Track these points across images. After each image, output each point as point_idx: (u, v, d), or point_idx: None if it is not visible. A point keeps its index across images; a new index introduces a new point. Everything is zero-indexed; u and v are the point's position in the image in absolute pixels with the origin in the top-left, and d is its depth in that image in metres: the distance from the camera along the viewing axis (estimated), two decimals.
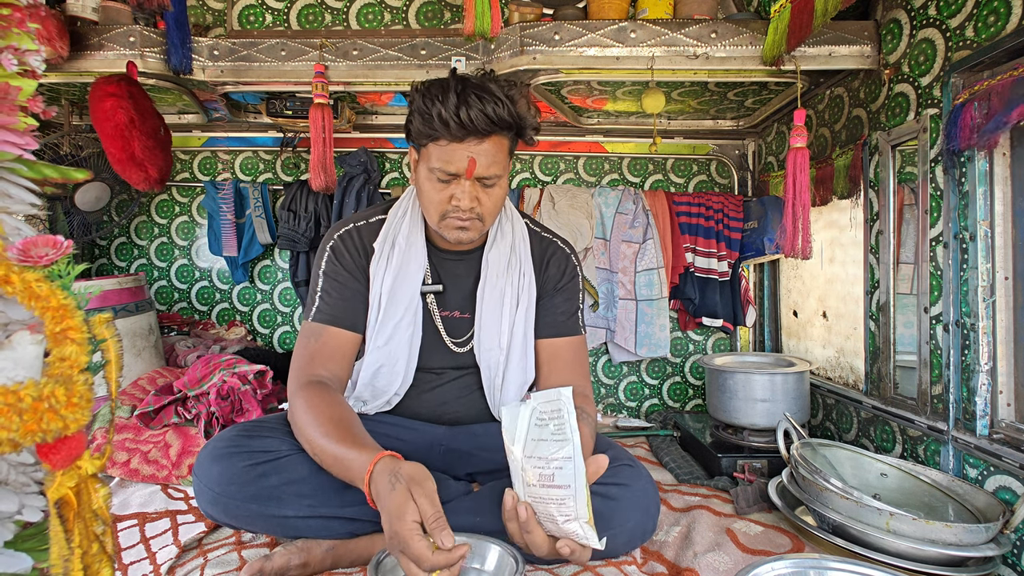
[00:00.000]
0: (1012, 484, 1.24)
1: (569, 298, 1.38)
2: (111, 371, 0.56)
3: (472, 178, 1.19)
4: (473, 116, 1.12)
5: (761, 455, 1.72)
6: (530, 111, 1.22)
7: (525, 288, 1.35)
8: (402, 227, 1.34)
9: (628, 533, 1.16)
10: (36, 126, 0.58)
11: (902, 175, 1.65)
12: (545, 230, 1.45)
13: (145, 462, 1.63)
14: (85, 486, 0.54)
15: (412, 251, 1.32)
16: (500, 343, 1.33)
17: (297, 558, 1.12)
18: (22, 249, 0.54)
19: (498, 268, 1.34)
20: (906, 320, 1.63)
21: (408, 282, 1.31)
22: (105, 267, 2.63)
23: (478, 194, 1.21)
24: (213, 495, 1.15)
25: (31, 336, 0.49)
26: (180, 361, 2.17)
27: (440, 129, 1.14)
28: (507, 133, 1.20)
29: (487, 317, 1.34)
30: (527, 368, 1.35)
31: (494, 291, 1.33)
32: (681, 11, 1.85)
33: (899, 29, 1.60)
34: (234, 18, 2.37)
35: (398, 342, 1.31)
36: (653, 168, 2.58)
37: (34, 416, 0.47)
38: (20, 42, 0.56)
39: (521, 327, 1.34)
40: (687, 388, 2.59)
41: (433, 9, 2.35)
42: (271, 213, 2.51)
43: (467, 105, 1.12)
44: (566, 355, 1.35)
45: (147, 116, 1.90)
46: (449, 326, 1.37)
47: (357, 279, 1.32)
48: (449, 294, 1.37)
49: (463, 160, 1.16)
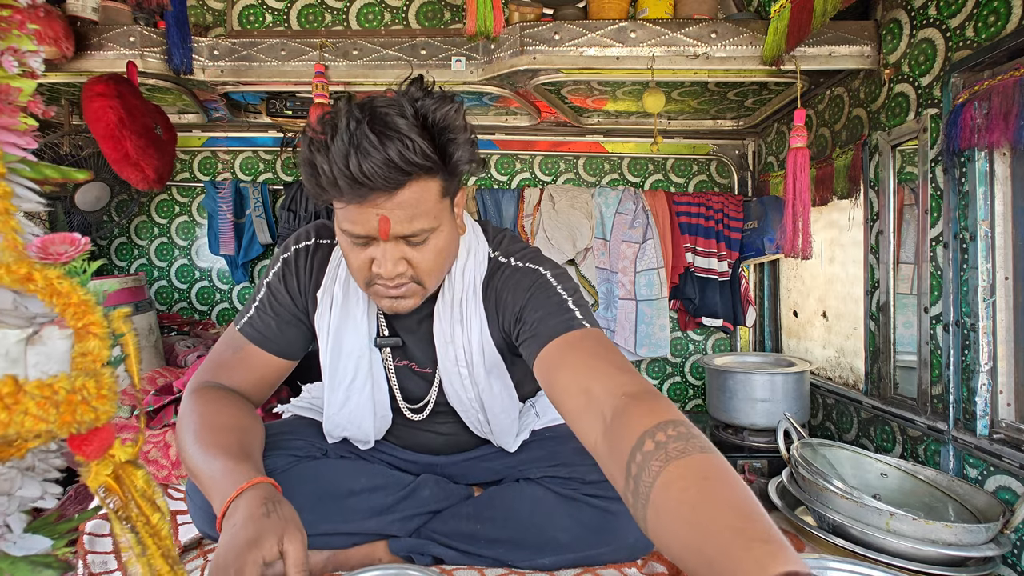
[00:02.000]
0: (1012, 484, 1.24)
1: (537, 302, 1.03)
2: (131, 364, 0.58)
3: (391, 238, 0.92)
4: (369, 167, 0.83)
5: (761, 455, 1.72)
6: (462, 139, 0.92)
7: (477, 345, 1.10)
8: (339, 276, 1.12)
9: (628, 549, 1.15)
10: (36, 126, 0.58)
11: (902, 175, 1.65)
12: (507, 249, 1.13)
13: (145, 462, 1.63)
14: (124, 471, 0.56)
15: (352, 300, 1.12)
16: (473, 405, 1.16)
17: None
18: (41, 247, 0.55)
19: (445, 334, 1.10)
20: (906, 320, 1.63)
21: (354, 333, 1.12)
22: (105, 267, 2.63)
23: (405, 255, 0.95)
24: (206, 516, 1.11)
25: (60, 331, 0.50)
26: (180, 361, 2.17)
27: (330, 190, 0.88)
28: (431, 176, 0.90)
29: (449, 380, 1.15)
30: (506, 399, 1.17)
31: (447, 357, 1.12)
32: (681, 11, 1.85)
33: (899, 29, 1.60)
34: (234, 18, 2.37)
35: (356, 403, 1.15)
36: (653, 168, 2.58)
37: (69, 408, 0.49)
38: (20, 43, 0.56)
39: (484, 382, 1.12)
40: (687, 388, 2.59)
41: (433, 9, 2.35)
42: (271, 213, 2.51)
43: (361, 153, 0.83)
44: (570, 358, 0.92)
45: (137, 115, 1.88)
46: (402, 379, 1.19)
47: (297, 306, 1.14)
48: (409, 346, 1.17)
49: (372, 220, 0.89)
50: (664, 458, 0.66)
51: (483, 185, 2.58)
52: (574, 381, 0.86)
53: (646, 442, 0.69)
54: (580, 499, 1.14)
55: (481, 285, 1.10)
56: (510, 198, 2.45)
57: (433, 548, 1.15)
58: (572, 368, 0.89)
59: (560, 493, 1.15)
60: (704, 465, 0.65)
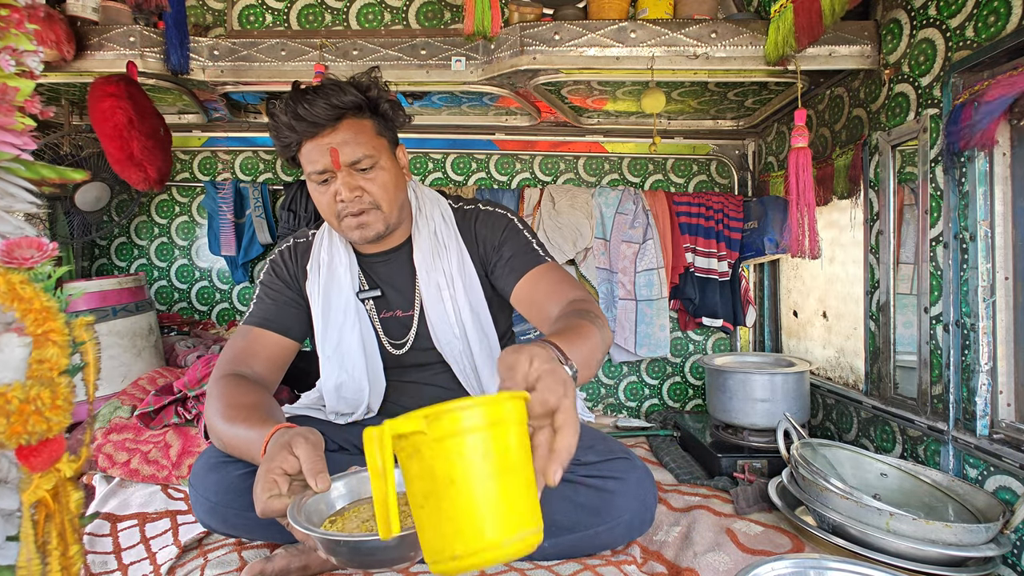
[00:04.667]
0: (1012, 484, 1.24)
1: (513, 243, 1.30)
2: (89, 373, 0.56)
3: (342, 168, 1.18)
4: (313, 108, 1.14)
5: (761, 455, 1.72)
6: (380, 89, 1.23)
7: (456, 270, 1.31)
8: (323, 242, 1.35)
9: (625, 526, 1.17)
10: (34, 126, 0.58)
11: (902, 175, 1.65)
12: (469, 202, 1.39)
13: (145, 462, 1.63)
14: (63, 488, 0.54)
15: (336, 259, 1.33)
16: (455, 332, 1.31)
17: (298, 560, 1.12)
18: (6, 251, 0.54)
19: (426, 262, 1.31)
20: (906, 320, 1.63)
21: (339, 286, 1.31)
22: (105, 267, 2.63)
23: (359, 183, 1.20)
24: (210, 505, 1.15)
25: (18, 339, 0.49)
26: (180, 361, 2.17)
27: (289, 134, 1.18)
28: (362, 114, 1.21)
29: (433, 312, 1.31)
30: (491, 348, 1.33)
31: (430, 286, 1.31)
32: (681, 11, 1.85)
33: (899, 29, 1.60)
34: (234, 18, 2.37)
35: (348, 344, 1.30)
36: (653, 168, 2.58)
37: (20, 418, 0.47)
38: (18, 43, 0.56)
39: (467, 309, 1.30)
40: (687, 388, 2.59)
41: (433, 9, 2.35)
42: (271, 213, 2.51)
43: (306, 102, 1.15)
44: (544, 285, 1.22)
45: (146, 116, 1.90)
46: (388, 327, 1.36)
47: (291, 288, 1.35)
48: (389, 296, 1.35)
49: (324, 153, 1.17)
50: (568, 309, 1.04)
51: (483, 185, 2.59)
52: (543, 301, 1.19)
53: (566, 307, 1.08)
54: (577, 480, 1.16)
55: (453, 221, 1.34)
56: (510, 198, 2.45)
57: None
58: (542, 292, 1.21)
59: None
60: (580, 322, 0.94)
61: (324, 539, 0.77)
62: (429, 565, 0.57)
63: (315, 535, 0.77)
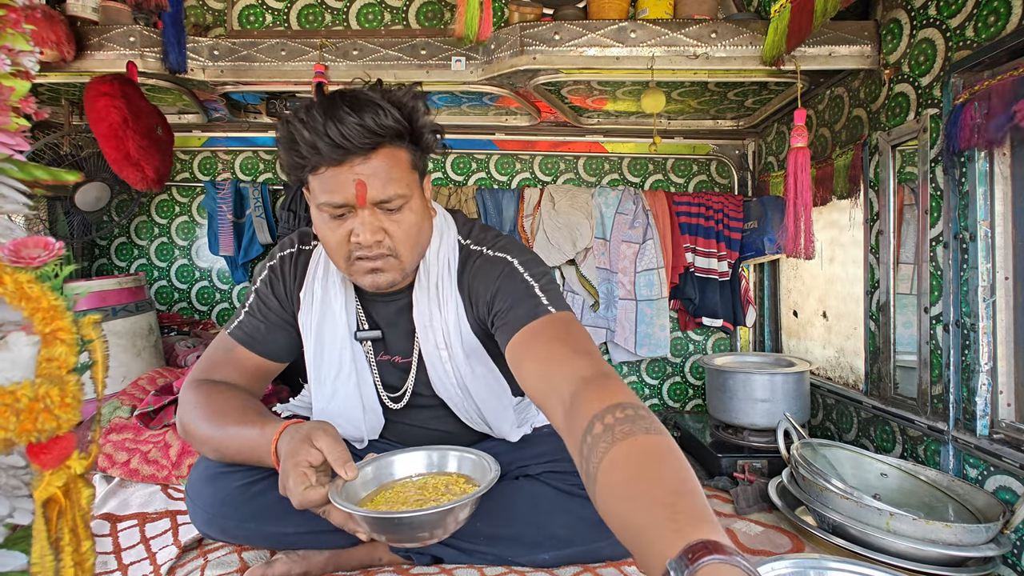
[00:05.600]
0: (1012, 484, 1.24)
1: (506, 290, 1.08)
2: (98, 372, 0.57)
3: (368, 205, 0.99)
4: (346, 130, 0.93)
5: (761, 455, 1.72)
6: (424, 112, 1.03)
7: (454, 328, 1.13)
8: (317, 272, 1.17)
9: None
10: (28, 127, 0.58)
11: (902, 175, 1.65)
12: (478, 238, 1.18)
13: (145, 462, 1.63)
14: (74, 485, 0.54)
15: (331, 294, 1.16)
16: (456, 391, 1.18)
17: (298, 566, 1.12)
18: (13, 250, 0.54)
19: (424, 319, 1.14)
20: (906, 320, 1.63)
21: (333, 326, 1.16)
22: (105, 267, 2.63)
23: (382, 224, 1.01)
24: (207, 516, 1.13)
25: (27, 337, 0.49)
26: (180, 361, 2.17)
27: (310, 155, 0.96)
28: (400, 143, 1.00)
29: (431, 369, 1.17)
30: (497, 394, 1.21)
31: (427, 341, 1.15)
32: (681, 11, 1.85)
33: (899, 29, 1.60)
34: (234, 18, 2.37)
35: (344, 397, 1.18)
36: (653, 168, 2.58)
37: (30, 416, 0.47)
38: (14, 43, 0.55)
39: (465, 367, 1.15)
40: (687, 388, 2.59)
41: (433, 9, 2.35)
42: (271, 213, 2.51)
43: (337, 120, 0.93)
44: (531, 348, 0.97)
45: (141, 115, 1.89)
46: (385, 372, 1.22)
47: (285, 308, 1.19)
48: (389, 339, 1.20)
49: (349, 185, 0.96)
50: (611, 439, 0.69)
51: (483, 185, 2.59)
52: (536, 368, 0.92)
53: (595, 425, 0.72)
54: (578, 494, 1.15)
55: (456, 269, 1.14)
56: (510, 198, 2.45)
57: (433, 547, 1.15)
58: (535, 357, 0.94)
59: (559, 488, 1.16)
60: (647, 445, 0.67)
61: (381, 518, 0.85)
62: None
63: (372, 515, 0.85)
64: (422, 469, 1.04)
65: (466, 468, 1.03)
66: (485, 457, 1.01)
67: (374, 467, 1.01)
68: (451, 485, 0.99)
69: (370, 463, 1.00)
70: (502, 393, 1.21)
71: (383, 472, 1.02)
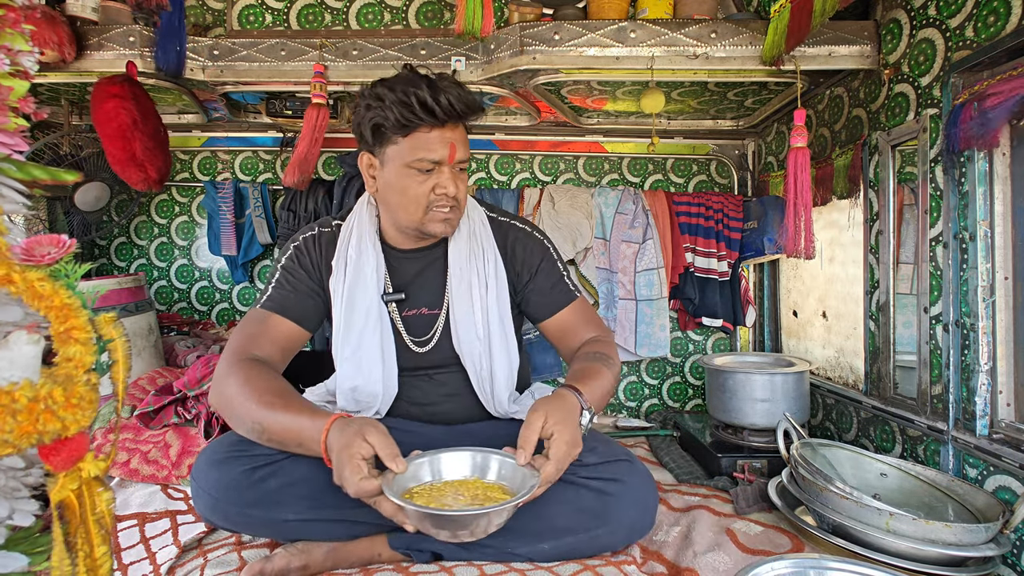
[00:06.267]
0: (1012, 484, 1.24)
1: (549, 272, 1.38)
2: (118, 371, 0.56)
3: (453, 164, 1.21)
4: (453, 100, 1.16)
5: (761, 455, 1.72)
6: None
7: (492, 273, 1.33)
8: (351, 240, 1.33)
9: (626, 529, 1.16)
10: (27, 127, 0.57)
11: (902, 175, 1.65)
12: (503, 214, 1.43)
13: (145, 462, 1.63)
14: (88, 488, 0.53)
15: (364, 257, 1.31)
16: (478, 333, 1.31)
17: (298, 560, 1.12)
18: (26, 248, 0.54)
19: (461, 260, 1.32)
20: (906, 320, 1.63)
21: (364, 288, 1.30)
22: (105, 267, 2.63)
23: (456, 180, 1.23)
24: (212, 500, 1.15)
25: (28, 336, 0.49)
26: (180, 361, 2.17)
27: (425, 116, 1.16)
28: (469, 120, 1.25)
29: (460, 311, 1.32)
30: (511, 355, 1.34)
31: (461, 284, 1.32)
32: (681, 11, 1.85)
33: (899, 29, 1.60)
34: (234, 18, 2.37)
35: (367, 348, 1.29)
36: (653, 168, 2.58)
37: (29, 417, 0.46)
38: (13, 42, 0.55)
39: (496, 313, 1.32)
40: (687, 388, 2.59)
41: (433, 9, 2.35)
42: (271, 213, 2.51)
43: (444, 91, 1.16)
44: (573, 322, 1.36)
45: (148, 116, 1.90)
46: (411, 325, 1.35)
47: (312, 278, 1.33)
48: (414, 295, 1.35)
49: (445, 146, 1.19)
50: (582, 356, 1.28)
51: (483, 185, 2.58)
52: (569, 338, 1.36)
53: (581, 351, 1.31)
54: (578, 483, 1.16)
55: (490, 228, 1.38)
56: (510, 198, 2.45)
57: (433, 543, 1.15)
58: (570, 330, 1.37)
59: (559, 479, 1.16)
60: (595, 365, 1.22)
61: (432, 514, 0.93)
62: None
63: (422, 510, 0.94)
64: (467, 471, 1.11)
65: (506, 472, 1.08)
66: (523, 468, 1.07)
67: (419, 463, 1.07)
68: (489, 491, 1.06)
69: (416, 459, 1.07)
70: (512, 356, 1.35)
71: (429, 469, 1.09)
